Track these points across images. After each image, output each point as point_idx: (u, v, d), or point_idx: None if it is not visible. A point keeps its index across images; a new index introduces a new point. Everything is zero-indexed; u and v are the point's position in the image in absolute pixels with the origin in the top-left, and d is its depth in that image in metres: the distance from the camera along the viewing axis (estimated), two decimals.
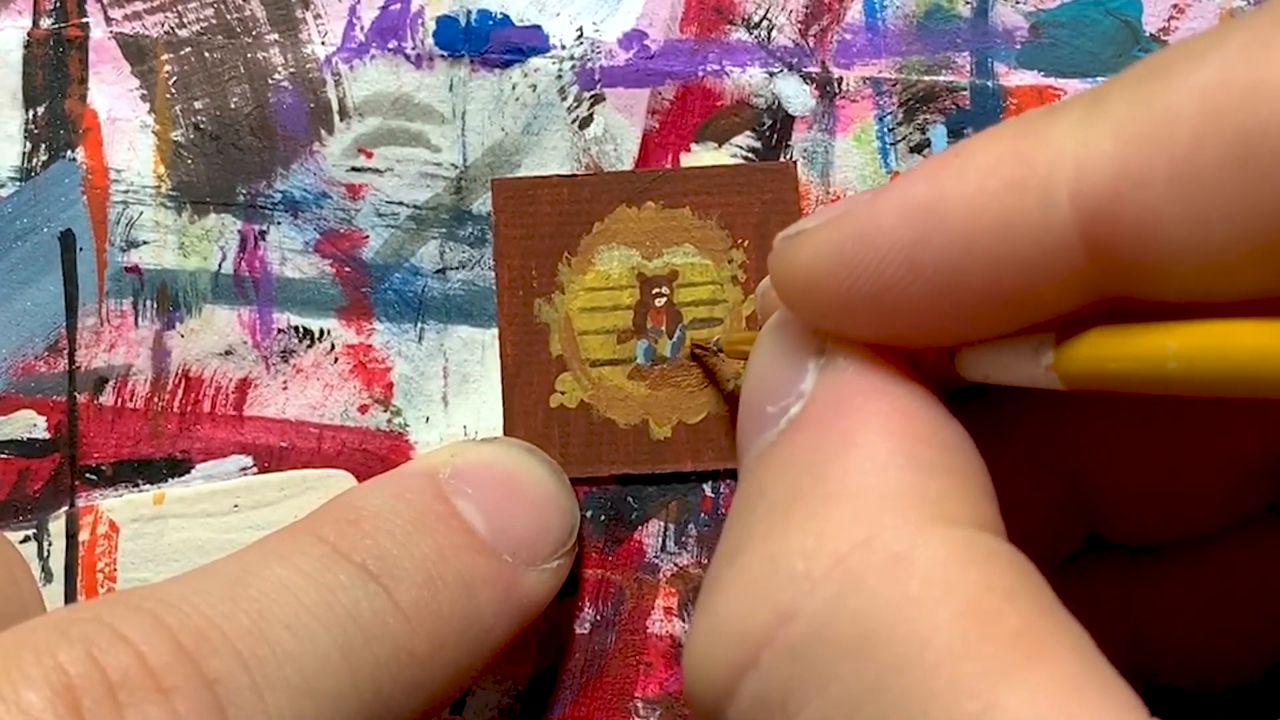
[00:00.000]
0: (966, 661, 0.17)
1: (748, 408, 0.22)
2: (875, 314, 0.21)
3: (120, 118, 0.32)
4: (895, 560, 0.18)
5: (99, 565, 0.31)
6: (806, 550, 0.19)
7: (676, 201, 0.31)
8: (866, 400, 0.21)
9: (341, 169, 0.31)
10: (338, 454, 0.31)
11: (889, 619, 0.18)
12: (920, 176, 0.20)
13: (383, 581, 0.25)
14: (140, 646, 0.22)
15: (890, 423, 0.20)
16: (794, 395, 0.21)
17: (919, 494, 0.19)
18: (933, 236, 0.20)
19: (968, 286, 0.20)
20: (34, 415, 0.31)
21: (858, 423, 0.20)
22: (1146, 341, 0.19)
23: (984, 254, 0.19)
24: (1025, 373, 0.21)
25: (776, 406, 0.22)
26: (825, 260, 0.21)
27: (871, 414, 0.20)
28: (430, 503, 0.27)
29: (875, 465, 0.20)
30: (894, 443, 0.20)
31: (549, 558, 0.28)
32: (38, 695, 0.21)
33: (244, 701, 0.23)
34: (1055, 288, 0.20)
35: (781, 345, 0.22)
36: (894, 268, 0.20)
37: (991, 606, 0.18)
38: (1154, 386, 0.19)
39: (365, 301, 0.31)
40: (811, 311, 0.22)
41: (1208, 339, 0.18)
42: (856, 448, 0.20)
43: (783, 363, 0.22)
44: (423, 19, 0.31)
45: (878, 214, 0.20)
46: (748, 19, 0.32)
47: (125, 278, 0.31)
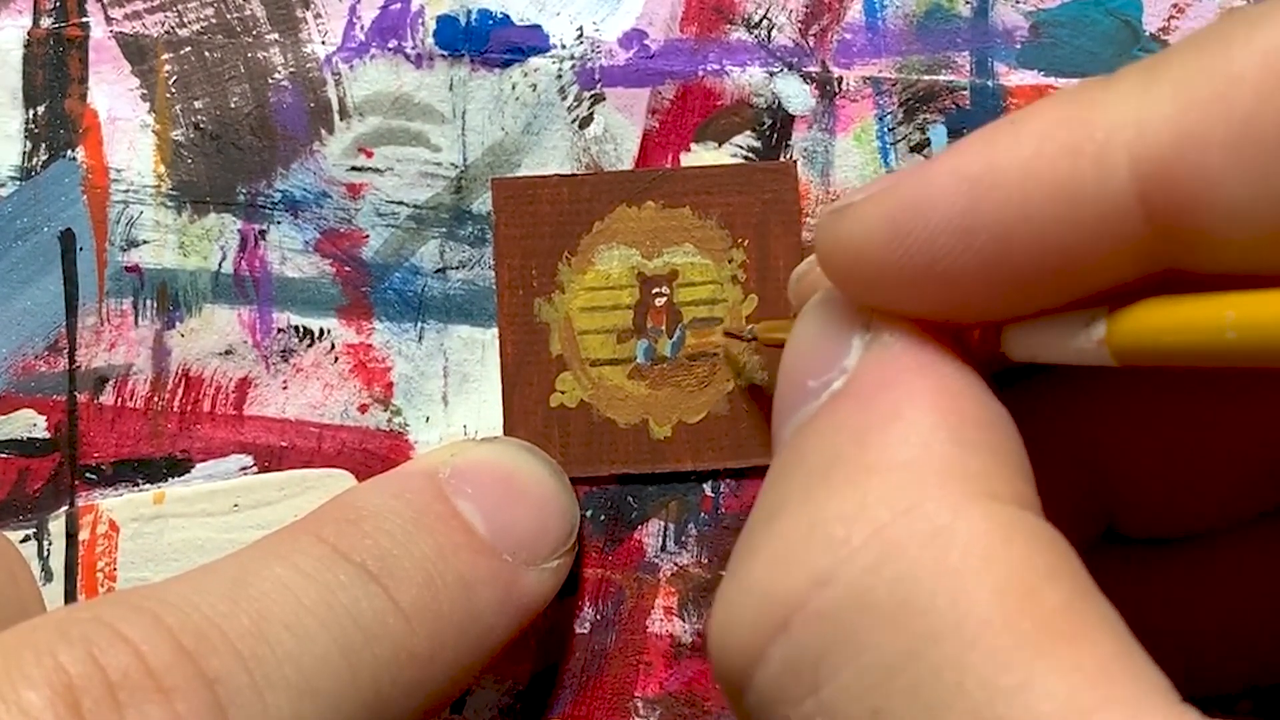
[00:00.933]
0: (1004, 636, 0.17)
1: (787, 383, 0.22)
2: (925, 287, 0.20)
3: (120, 117, 0.32)
4: (937, 532, 0.18)
5: (99, 565, 0.31)
6: (846, 516, 0.19)
7: (676, 201, 0.31)
8: (912, 376, 0.20)
9: (341, 168, 0.31)
10: (338, 453, 0.31)
11: (928, 589, 0.18)
12: (973, 145, 0.20)
13: (382, 581, 0.25)
14: (140, 646, 0.22)
15: (936, 399, 0.20)
16: (837, 370, 0.21)
17: (962, 469, 0.19)
18: (987, 204, 0.19)
19: (1022, 255, 0.19)
20: (34, 415, 0.31)
21: (903, 397, 0.20)
22: (1204, 311, 0.19)
23: (1040, 221, 0.19)
24: (1075, 348, 0.20)
25: (818, 381, 0.21)
26: (875, 232, 0.20)
27: (917, 389, 0.20)
28: (430, 502, 0.27)
29: (920, 438, 0.19)
30: (939, 418, 0.20)
31: (549, 557, 0.28)
32: (38, 695, 0.21)
33: (244, 701, 0.23)
34: (1111, 257, 0.19)
35: (825, 321, 0.22)
36: (947, 237, 0.20)
37: (1031, 583, 0.18)
38: (1211, 359, 0.19)
39: (365, 301, 0.31)
40: (859, 286, 0.21)
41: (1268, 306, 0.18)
42: (901, 420, 0.20)
43: (826, 338, 0.22)
44: (423, 18, 0.31)
45: (930, 183, 0.20)
46: (748, 18, 0.32)
47: (125, 277, 0.31)
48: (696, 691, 0.31)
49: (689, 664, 0.31)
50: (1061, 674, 0.17)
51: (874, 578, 0.18)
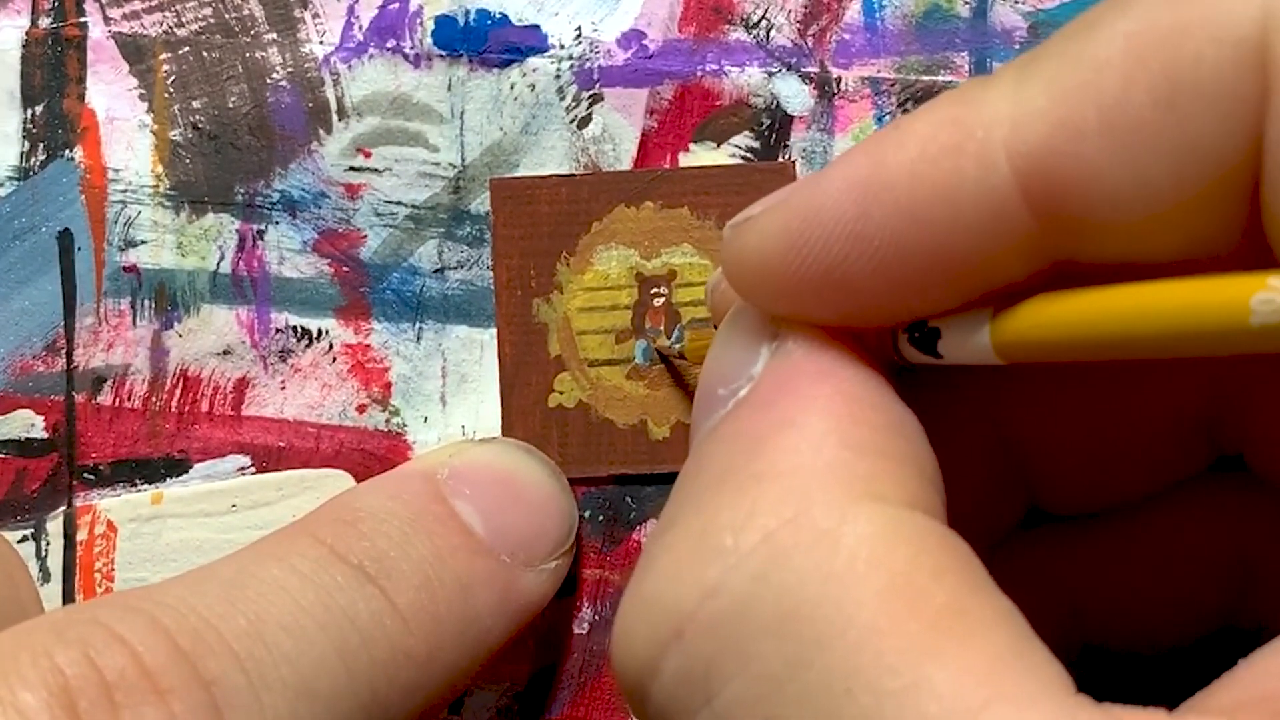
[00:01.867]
0: (891, 639, 0.17)
1: (702, 393, 0.22)
2: (825, 294, 0.21)
3: (118, 117, 0.32)
4: (822, 536, 0.18)
5: (97, 565, 0.31)
6: (734, 525, 0.19)
7: (675, 201, 0.31)
8: (810, 382, 0.21)
9: (340, 168, 0.31)
10: (336, 454, 0.31)
11: (813, 595, 0.18)
12: (860, 151, 0.20)
13: (380, 583, 0.25)
14: (137, 648, 0.22)
15: (831, 404, 0.20)
16: (744, 378, 0.22)
17: (850, 472, 0.19)
18: (876, 209, 0.20)
19: (915, 257, 0.20)
20: (32, 415, 0.31)
21: (798, 403, 0.20)
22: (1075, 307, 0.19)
23: (928, 222, 0.19)
24: (963, 351, 0.21)
25: (727, 389, 0.22)
26: (773, 244, 0.21)
27: (813, 395, 0.20)
28: (428, 504, 0.27)
29: (809, 444, 0.20)
30: (831, 423, 0.20)
31: (547, 558, 0.28)
32: (34, 696, 0.21)
33: (240, 702, 0.23)
34: (1000, 254, 0.20)
35: (738, 331, 0.22)
36: (840, 244, 0.20)
37: (918, 584, 0.18)
38: (1087, 355, 0.19)
39: (363, 301, 0.31)
40: (764, 297, 0.22)
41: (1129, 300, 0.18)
42: (793, 427, 0.20)
43: (737, 348, 0.22)
44: (421, 18, 0.31)
45: (821, 191, 0.20)
46: (746, 19, 0.32)
47: (123, 277, 0.31)
48: None
49: None
50: (949, 673, 0.17)
51: (761, 586, 0.18)
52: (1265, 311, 0.17)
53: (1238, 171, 0.18)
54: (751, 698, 0.18)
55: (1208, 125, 0.18)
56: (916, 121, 0.20)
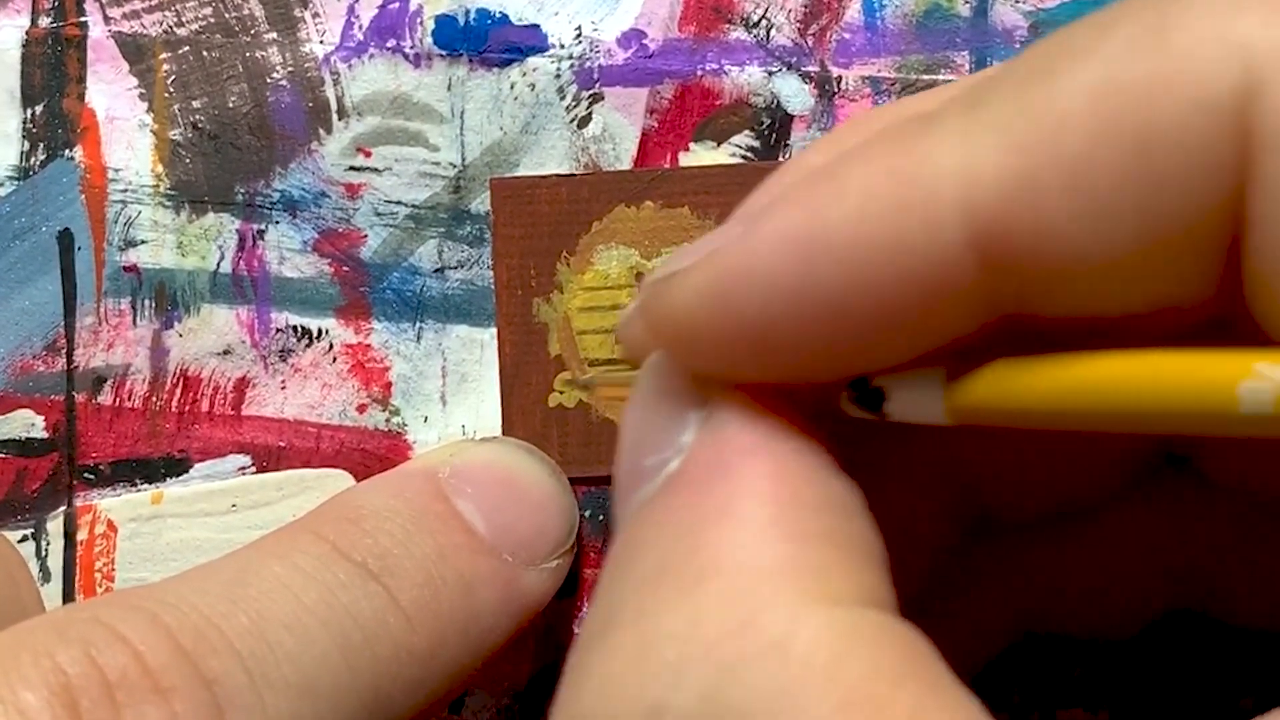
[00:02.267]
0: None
1: (625, 458, 0.21)
2: (760, 355, 0.19)
3: (118, 117, 0.32)
4: (773, 647, 0.17)
5: (97, 565, 0.31)
6: (677, 635, 0.18)
7: (675, 201, 0.31)
8: (746, 460, 0.19)
9: (340, 168, 0.31)
10: (336, 453, 0.31)
11: (765, 711, 0.17)
12: (795, 204, 0.19)
13: (383, 581, 0.25)
14: (138, 646, 0.22)
15: (771, 486, 0.19)
16: (673, 449, 0.20)
17: (799, 568, 0.18)
18: (815, 268, 0.18)
19: (857, 318, 0.19)
20: (32, 415, 0.31)
21: (735, 488, 0.19)
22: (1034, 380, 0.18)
23: (872, 282, 0.18)
24: (912, 412, 0.20)
25: (655, 459, 0.20)
26: (703, 303, 0.19)
27: (751, 477, 0.19)
28: (430, 502, 0.27)
29: (752, 537, 0.18)
30: (773, 510, 0.18)
31: (548, 557, 0.28)
32: (35, 696, 0.21)
33: (243, 701, 0.23)
34: (950, 309, 0.19)
35: (662, 391, 0.21)
36: (777, 304, 0.19)
37: (878, 693, 0.17)
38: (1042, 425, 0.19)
39: (363, 301, 0.31)
40: (693, 357, 0.20)
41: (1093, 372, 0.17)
42: (732, 517, 0.19)
43: (662, 412, 0.21)
44: (421, 18, 0.31)
45: (754, 250, 0.19)
46: (746, 18, 0.32)
47: (123, 277, 0.31)
48: None
49: None
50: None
51: (709, 706, 0.17)
52: (1256, 401, 0.16)
53: (1207, 234, 0.17)
54: None
55: (1180, 189, 0.17)
56: (855, 169, 0.19)
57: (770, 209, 0.19)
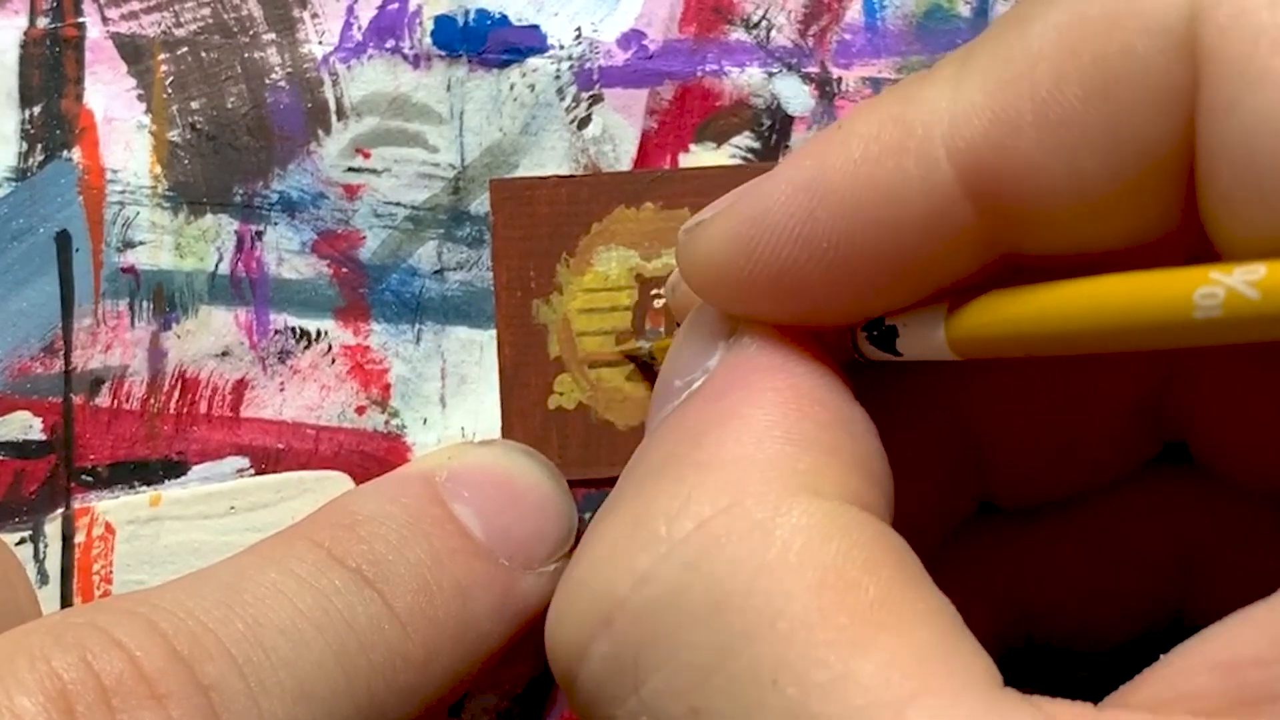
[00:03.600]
0: (820, 631, 0.17)
1: (659, 386, 0.23)
2: (778, 296, 0.21)
3: (116, 118, 0.31)
4: (755, 528, 0.18)
5: (95, 567, 0.31)
6: (669, 513, 0.19)
7: (675, 202, 0.31)
8: (761, 376, 0.21)
9: (339, 169, 0.31)
10: (335, 455, 0.31)
11: (744, 586, 0.18)
12: (805, 154, 0.20)
13: (378, 587, 0.25)
14: (134, 652, 0.22)
15: (779, 398, 0.20)
16: (699, 371, 0.22)
17: (789, 466, 0.19)
18: (821, 211, 0.20)
19: (863, 257, 0.20)
20: (29, 416, 0.31)
21: (746, 396, 0.20)
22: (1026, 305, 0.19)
23: (873, 222, 0.19)
24: (919, 347, 0.21)
25: (682, 381, 0.22)
26: (724, 248, 0.21)
27: (762, 389, 0.20)
28: (426, 507, 0.27)
29: (752, 436, 0.20)
30: (776, 416, 0.20)
31: (547, 561, 0.28)
32: (31, 700, 0.21)
33: (238, 707, 0.23)
34: (949, 249, 0.20)
35: (696, 329, 0.23)
36: (788, 247, 0.20)
37: (850, 577, 0.18)
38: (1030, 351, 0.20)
39: (362, 302, 0.31)
40: (720, 298, 0.22)
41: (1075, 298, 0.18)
42: (738, 418, 0.20)
43: (695, 344, 0.22)
44: (420, 19, 0.31)
45: (766, 196, 0.20)
46: (746, 19, 0.31)
47: (121, 278, 0.31)
48: None
49: None
50: (876, 666, 0.17)
51: (692, 575, 0.18)
52: (1207, 306, 0.17)
53: (1170, 159, 0.18)
54: (678, 687, 0.18)
55: (1139, 115, 0.18)
56: (858, 121, 0.20)
57: (786, 160, 0.21)
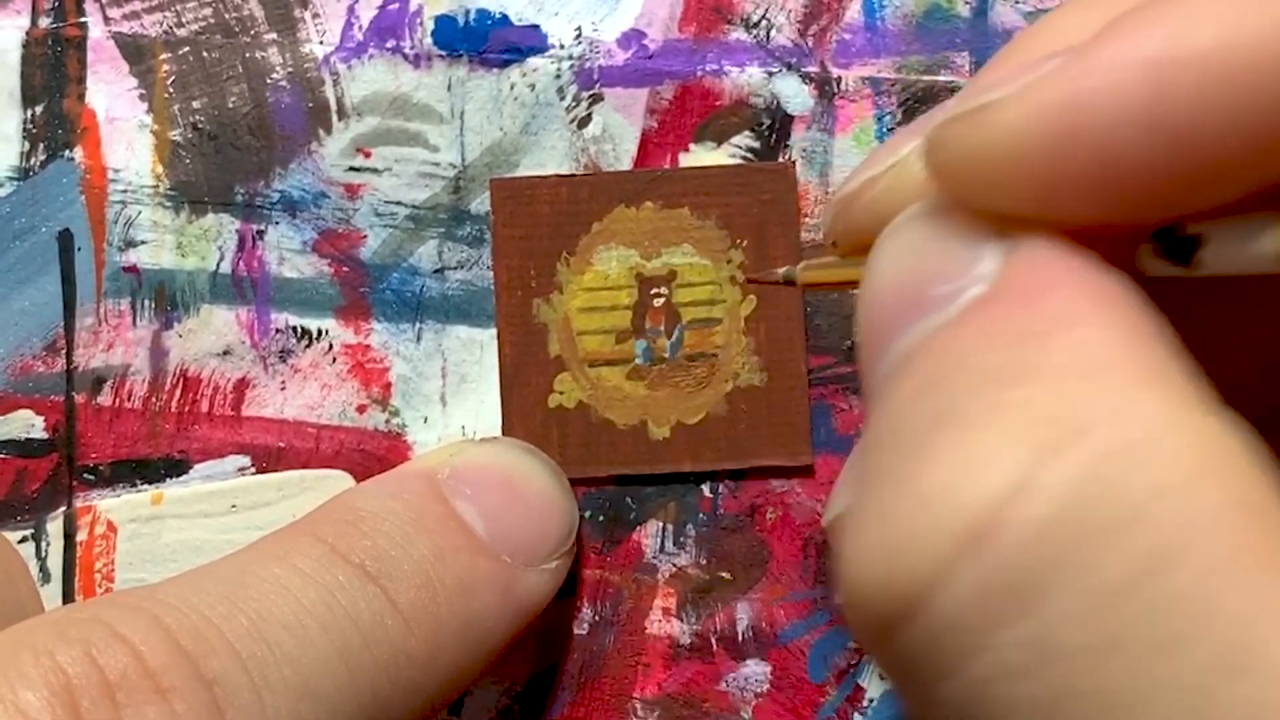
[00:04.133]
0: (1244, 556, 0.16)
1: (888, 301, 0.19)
2: (1094, 191, 0.18)
3: (118, 117, 0.32)
4: (1153, 442, 0.16)
5: (97, 565, 0.31)
6: (1050, 419, 0.17)
7: (675, 201, 0.31)
8: (1080, 279, 0.18)
9: (339, 169, 0.31)
10: (336, 454, 0.31)
11: (1156, 505, 0.16)
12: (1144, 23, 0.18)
13: (381, 583, 0.25)
14: (139, 647, 0.22)
15: (1113, 298, 0.18)
16: (971, 277, 0.19)
17: (1165, 375, 0.17)
18: (1178, 89, 0.17)
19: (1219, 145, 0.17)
20: (32, 415, 0.31)
21: (1077, 297, 0.18)
22: None
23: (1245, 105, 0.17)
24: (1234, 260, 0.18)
25: (949, 287, 0.19)
26: (1030, 136, 0.18)
27: (1090, 291, 0.18)
28: (429, 503, 0.27)
29: (1111, 341, 0.17)
30: (1123, 320, 0.17)
31: (548, 558, 0.28)
32: (36, 695, 0.21)
33: (242, 702, 0.23)
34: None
35: (936, 231, 0.19)
36: (1128, 132, 0.17)
37: (1258, 502, 0.16)
38: None
39: (363, 301, 0.31)
40: (1006, 197, 0.19)
41: None
42: (1084, 323, 0.17)
43: (943, 247, 0.19)
44: (421, 18, 0.31)
45: (1099, 73, 0.18)
46: (746, 19, 0.32)
47: (123, 277, 0.31)
48: (695, 692, 0.31)
49: (687, 665, 0.31)
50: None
51: (1094, 487, 0.16)
52: None
53: None
54: (1084, 613, 0.16)
55: None
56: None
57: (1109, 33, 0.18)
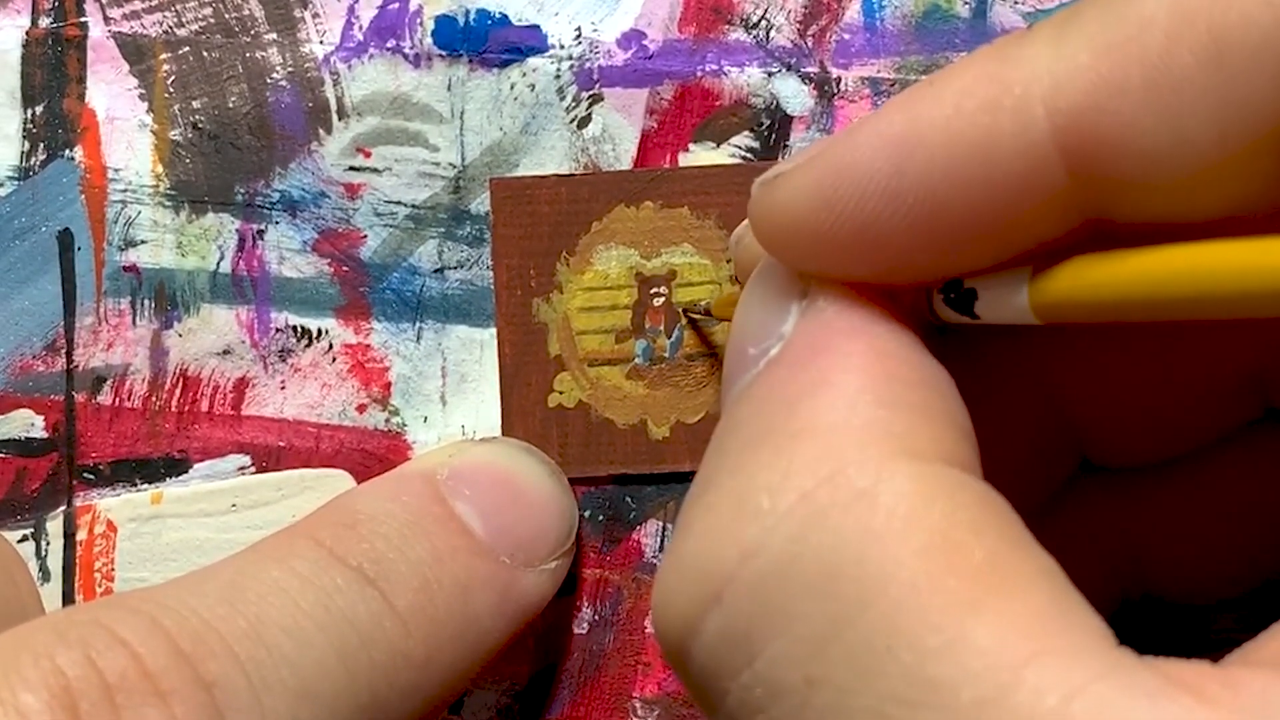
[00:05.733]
0: (931, 596, 0.17)
1: (732, 353, 0.22)
2: (857, 252, 0.20)
3: (118, 117, 0.32)
4: (859, 495, 0.18)
5: (97, 565, 0.31)
6: (771, 486, 0.19)
7: (675, 201, 0.31)
8: (843, 340, 0.20)
9: (340, 168, 0.31)
10: (335, 454, 0.31)
11: (852, 555, 0.18)
12: (895, 107, 0.20)
13: (379, 585, 0.25)
14: (138, 649, 0.22)
15: (865, 361, 0.20)
16: (775, 337, 0.21)
17: (886, 430, 0.19)
18: (911, 165, 0.19)
19: (949, 215, 0.20)
20: (32, 414, 0.31)
21: (832, 362, 0.20)
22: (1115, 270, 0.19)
23: (963, 179, 0.19)
24: (1000, 312, 0.21)
25: (758, 348, 0.21)
26: (805, 200, 0.21)
27: (846, 353, 0.20)
28: (427, 505, 0.27)
29: (845, 402, 0.19)
30: (866, 380, 0.20)
31: (547, 558, 0.28)
32: (35, 698, 0.21)
33: (241, 704, 0.23)
34: (1035, 212, 0.19)
35: (766, 289, 0.22)
36: (874, 201, 0.20)
37: (956, 540, 0.18)
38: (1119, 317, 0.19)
39: (363, 301, 0.31)
40: (794, 255, 0.22)
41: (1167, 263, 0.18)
42: (828, 385, 0.20)
43: (766, 307, 0.22)
44: (421, 18, 0.31)
45: (854, 148, 0.20)
46: (746, 19, 0.32)
47: (123, 277, 0.31)
48: None
49: None
50: (990, 629, 0.17)
51: (800, 546, 0.18)
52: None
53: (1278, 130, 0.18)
54: (793, 657, 0.18)
55: (1253, 86, 0.18)
56: (952, 77, 0.20)
57: (873, 114, 0.20)
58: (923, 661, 0.17)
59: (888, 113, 0.20)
